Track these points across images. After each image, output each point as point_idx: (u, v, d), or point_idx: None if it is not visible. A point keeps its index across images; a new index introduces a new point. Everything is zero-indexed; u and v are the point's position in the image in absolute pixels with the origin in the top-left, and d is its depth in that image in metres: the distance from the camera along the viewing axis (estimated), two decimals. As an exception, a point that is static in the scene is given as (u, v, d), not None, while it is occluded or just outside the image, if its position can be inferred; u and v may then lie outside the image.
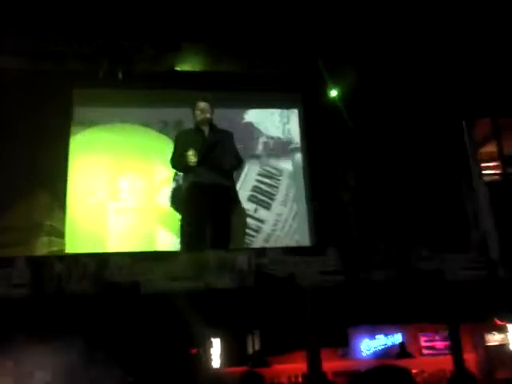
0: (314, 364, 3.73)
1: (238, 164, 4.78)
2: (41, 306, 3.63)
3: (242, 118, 6.09)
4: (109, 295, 3.65)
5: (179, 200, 4.85)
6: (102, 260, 3.69)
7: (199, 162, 4.42)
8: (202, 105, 4.59)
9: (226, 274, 3.78)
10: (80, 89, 5.69)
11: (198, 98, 4.64)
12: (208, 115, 4.59)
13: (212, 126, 4.64)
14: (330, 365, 5.58)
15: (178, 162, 4.60)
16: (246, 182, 5.82)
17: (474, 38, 5.39)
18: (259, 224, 5.76)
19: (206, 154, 4.47)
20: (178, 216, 4.82)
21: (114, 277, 3.64)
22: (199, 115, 4.58)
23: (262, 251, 4.07)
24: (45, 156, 5.36)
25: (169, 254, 4.08)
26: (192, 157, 4.39)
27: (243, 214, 5.47)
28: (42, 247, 5.36)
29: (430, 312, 4.53)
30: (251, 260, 3.86)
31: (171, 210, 5.40)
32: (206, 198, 4.43)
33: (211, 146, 4.52)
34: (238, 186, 5.30)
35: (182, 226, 4.59)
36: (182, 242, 4.60)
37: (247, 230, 5.59)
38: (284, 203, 5.87)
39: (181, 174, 4.96)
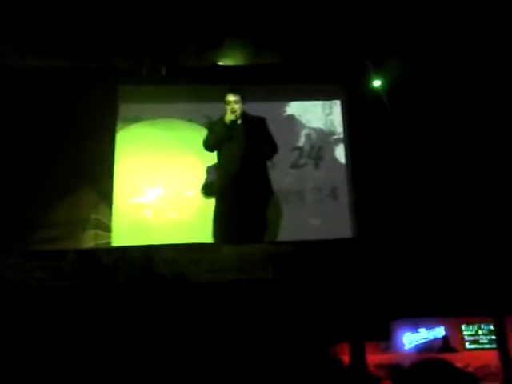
0: (357, 357, 3.75)
1: (273, 151, 4.79)
2: (90, 297, 3.76)
3: (284, 111, 6.10)
4: (154, 286, 3.76)
5: (213, 190, 4.90)
6: (148, 252, 3.79)
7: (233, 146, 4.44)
8: (231, 97, 4.63)
9: (268, 266, 3.83)
10: (125, 85, 5.82)
11: (226, 91, 4.69)
12: (238, 107, 4.62)
13: (244, 115, 4.67)
14: (372, 358, 5.56)
15: (213, 137, 4.67)
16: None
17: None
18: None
19: (240, 145, 4.54)
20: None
21: (160, 268, 3.75)
22: (230, 108, 4.62)
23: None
24: (91, 152, 5.53)
25: (212, 246, 4.17)
26: (231, 116, 4.47)
27: (278, 203, 5.50)
28: (89, 241, 5.53)
29: (474, 303, 4.47)
30: (294, 252, 3.91)
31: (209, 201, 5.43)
32: (240, 188, 4.49)
33: (245, 135, 4.56)
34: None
35: (216, 217, 4.65)
36: (215, 233, 4.66)
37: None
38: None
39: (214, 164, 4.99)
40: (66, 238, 5.43)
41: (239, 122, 4.64)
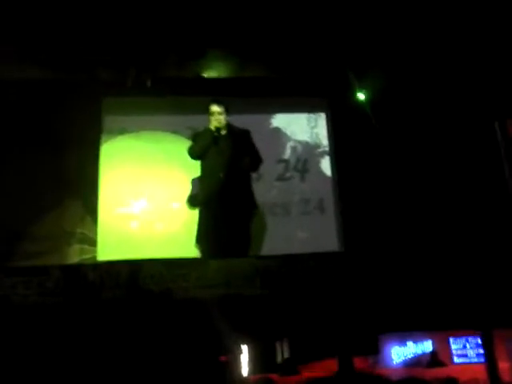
0: (346, 371, 3.72)
1: (257, 164, 4.77)
2: (75, 313, 3.69)
3: (270, 123, 6.11)
4: (141, 302, 3.70)
5: (198, 201, 4.88)
6: (135, 267, 3.74)
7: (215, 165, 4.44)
8: (216, 108, 4.61)
9: (255, 281, 3.80)
10: (109, 97, 5.79)
11: (210, 102, 4.65)
12: (222, 118, 4.60)
13: (229, 127, 4.65)
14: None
15: (196, 147, 4.63)
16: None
17: (505, 37, 5.32)
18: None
19: (224, 156, 4.51)
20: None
21: (147, 284, 3.69)
22: (214, 119, 4.59)
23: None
24: (75, 165, 5.49)
25: (199, 261, 4.12)
26: (216, 122, 4.44)
27: (262, 216, 5.48)
28: (74, 255, 5.46)
29: (461, 317, 4.47)
30: (282, 267, 3.88)
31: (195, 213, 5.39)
32: (224, 199, 4.46)
33: (230, 147, 4.54)
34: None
35: (200, 227, 4.62)
36: (199, 244, 4.63)
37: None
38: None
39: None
40: (50, 253, 5.35)
41: (223, 132, 4.62)
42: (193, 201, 4.87)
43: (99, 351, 3.73)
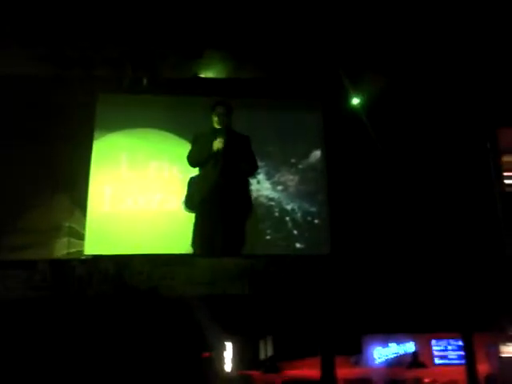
0: (328, 371, 3.78)
1: (253, 169, 4.86)
2: (61, 308, 3.72)
3: (264, 124, 6.04)
4: (128, 298, 3.74)
5: (193, 204, 4.90)
6: (123, 263, 3.77)
7: (215, 162, 4.49)
8: (220, 109, 4.66)
9: (243, 280, 3.84)
10: (105, 94, 5.77)
11: (216, 102, 4.70)
12: (225, 119, 4.65)
13: (229, 130, 4.70)
14: (342, 372, 5.60)
15: (196, 155, 4.66)
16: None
17: (498, 48, 5.39)
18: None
19: (222, 158, 4.54)
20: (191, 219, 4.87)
21: (134, 281, 3.72)
22: (217, 119, 4.65)
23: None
24: (67, 159, 5.47)
25: (187, 259, 4.15)
26: (220, 143, 4.47)
27: (257, 218, 5.52)
28: (61, 248, 5.46)
29: (443, 320, 4.55)
30: (268, 267, 3.93)
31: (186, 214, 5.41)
32: (220, 202, 4.50)
33: (227, 150, 4.58)
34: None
35: (195, 229, 4.65)
36: (194, 245, 4.65)
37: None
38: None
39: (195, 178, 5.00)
40: (37, 246, 5.35)
41: (221, 149, 4.65)
42: (189, 203, 4.90)
43: (85, 345, 3.76)
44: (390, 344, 6.62)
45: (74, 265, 3.77)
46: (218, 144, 4.51)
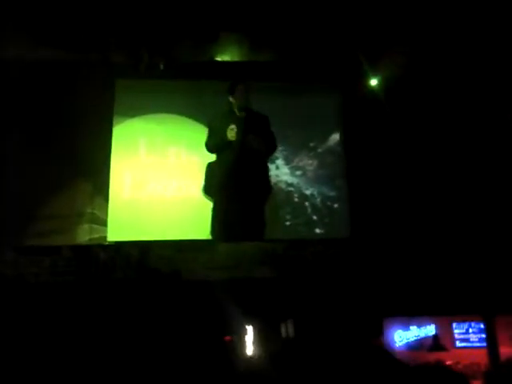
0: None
1: (272, 149, 4.80)
2: (86, 293, 3.78)
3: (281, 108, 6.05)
4: (150, 282, 3.78)
5: (211, 190, 4.91)
6: (145, 249, 3.81)
7: (233, 146, 4.47)
8: (238, 87, 4.64)
9: (265, 264, 3.86)
10: (122, 79, 5.79)
11: (233, 82, 4.69)
12: (243, 98, 4.63)
13: (247, 110, 4.67)
14: (363, 354, 5.60)
15: (213, 142, 4.65)
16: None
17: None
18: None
19: (240, 138, 4.51)
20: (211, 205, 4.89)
21: (156, 265, 3.77)
22: (235, 100, 4.63)
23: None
24: (87, 145, 5.52)
25: (209, 244, 4.19)
26: (233, 132, 4.44)
27: (276, 204, 5.52)
28: (84, 234, 5.53)
29: (465, 303, 4.53)
30: (289, 251, 3.95)
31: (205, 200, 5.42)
32: (238, 188, 4.49)
33: (246, 130, 4.54)
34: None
35: (214, 216, 4.65)
36: (213, 233, 4.66)
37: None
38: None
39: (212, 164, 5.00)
40: (60, 232, 5.42)
41: (242, 114, 4.60)
42: (207, 190, 4.90)
43: (109, 329, 3.82)
44: (410, 327, 6.60)
45: (97, 250, 3.83)
46: (231, 132, 4.47)
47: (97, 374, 3.59)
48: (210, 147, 4.74)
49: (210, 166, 5.05)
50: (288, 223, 5.67)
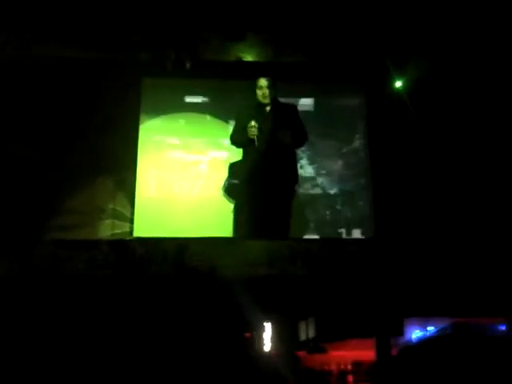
0: (383, 352, 3.85)
1: (302, 139, 4.70)
2: (123, 286, 3.84)
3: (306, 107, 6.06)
4: (186, 278, 3.83)
5: (234, 190, 4.88)
6: (182, 245, 3.86)
7: (259, 140, 4.41)
8: (263, 81, 4.61)
9: (298, 262, 3.92)
10: (148, 78, 5.85)
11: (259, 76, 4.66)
12: (269, 91, 4.58)
13: (275, 101, 4.63)
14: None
15: (238, 137, 4.63)
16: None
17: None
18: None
19: (268, 131, 4.46)
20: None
21: (193, 261, 3.82)
22: (261, 92, 4.60)
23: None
24: (114, 143, 5.55)
25: (241, 241, 4.24)
26: (254, 129, 4.39)
27: (301, 203, 5.54)
28: (106, 230, 5.58)
29: (485, 305, 4.56)
30: (322, 250, 4.00)
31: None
32: (265, 180, 4.42)
33: (273, 122, 4.51)
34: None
35: (239, 211, 4.65)
36: (237, 231, 4.66)
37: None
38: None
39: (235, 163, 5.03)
40: (83, 226, 5.46)
41: (269, 106, 4.58)
42: (228, 190, 4.87)
43: (145, 322, 3.88)
44: (428, 328, 6.64)
45: (134, 245, 3.88)
46: (251, 130, 4.40)
47: (133, 364, 3.66)
48: (234, 141, 4.75)
49: (231, 166, 5.02)
50: (312, 224, 5.71)
